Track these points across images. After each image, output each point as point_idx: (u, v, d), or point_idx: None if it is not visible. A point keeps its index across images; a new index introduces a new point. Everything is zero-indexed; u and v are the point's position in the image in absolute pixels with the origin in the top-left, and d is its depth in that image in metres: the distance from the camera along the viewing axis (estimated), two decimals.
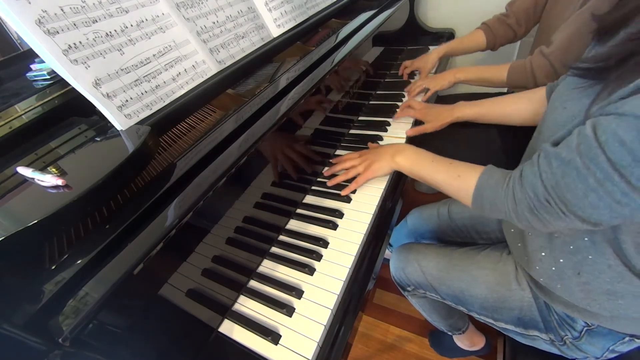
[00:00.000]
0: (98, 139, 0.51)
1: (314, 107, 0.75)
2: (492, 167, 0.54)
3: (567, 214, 0.41)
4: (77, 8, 0.47)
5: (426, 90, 0.99)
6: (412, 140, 0.85)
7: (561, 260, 0.52)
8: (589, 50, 0.52)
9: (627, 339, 0.53)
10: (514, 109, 0.74)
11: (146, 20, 0.55)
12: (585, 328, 0.55)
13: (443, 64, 1.23)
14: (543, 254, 0.54)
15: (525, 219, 0.46)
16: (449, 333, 0.99)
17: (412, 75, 1.15)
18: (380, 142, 0.86)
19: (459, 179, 0.56)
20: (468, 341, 1.02)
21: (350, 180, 0.73)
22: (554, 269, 0.53)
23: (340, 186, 0.74)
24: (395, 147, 0.70)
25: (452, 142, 0.89)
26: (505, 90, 1.11)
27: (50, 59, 0.44)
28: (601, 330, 0.54)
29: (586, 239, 0.48)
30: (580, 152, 0.39)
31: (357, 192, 0.73)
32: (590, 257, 0.49)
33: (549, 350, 0.62)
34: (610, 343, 0.55)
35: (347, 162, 0.75)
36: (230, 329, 0.53)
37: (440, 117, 0.84)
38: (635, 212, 0.37)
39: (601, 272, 0.48)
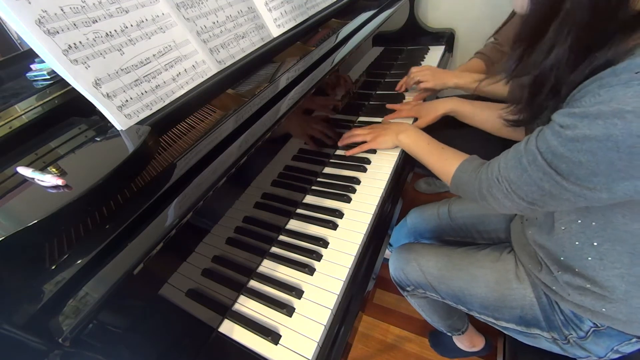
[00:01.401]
0: (98, 139, 0.51)
1: (313, 108, 0.75)
2: (476, 156, 0.62)
3: (509, 191, 0.49)
4: (77, 8, 0.47)
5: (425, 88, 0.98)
6: None
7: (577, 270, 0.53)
8: None
9: (634, 340, 0.52)
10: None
11: (146, 20, 0.55)
12: (593, 329, 0.54)
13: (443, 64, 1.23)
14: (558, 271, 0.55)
15: (483, 198, 0.55)
16: (448, 334, 0.99)
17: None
18: None
19: (445, 162, 0.66)
20: (468, 342, 1.02)
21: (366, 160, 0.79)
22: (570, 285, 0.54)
23: (340, 189, 0.75)
24: (401, 126, 0.80)
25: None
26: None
27: (50, 59, 0.44)
28: (610, 332, 0.53)
29: (589, 258, 0.50)
30: (527, 141, 0.47)
31: (357, 192, 0.73)
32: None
33: (550, 349, 0.62)
34: (616, 343, 0.54)
35: (358, 136, 0.84)
36: (230, 329, 0.53)
37: (432, 110, 0.85)
38: (554, 189, 0.43)
39: (613, 289, 0.49)
